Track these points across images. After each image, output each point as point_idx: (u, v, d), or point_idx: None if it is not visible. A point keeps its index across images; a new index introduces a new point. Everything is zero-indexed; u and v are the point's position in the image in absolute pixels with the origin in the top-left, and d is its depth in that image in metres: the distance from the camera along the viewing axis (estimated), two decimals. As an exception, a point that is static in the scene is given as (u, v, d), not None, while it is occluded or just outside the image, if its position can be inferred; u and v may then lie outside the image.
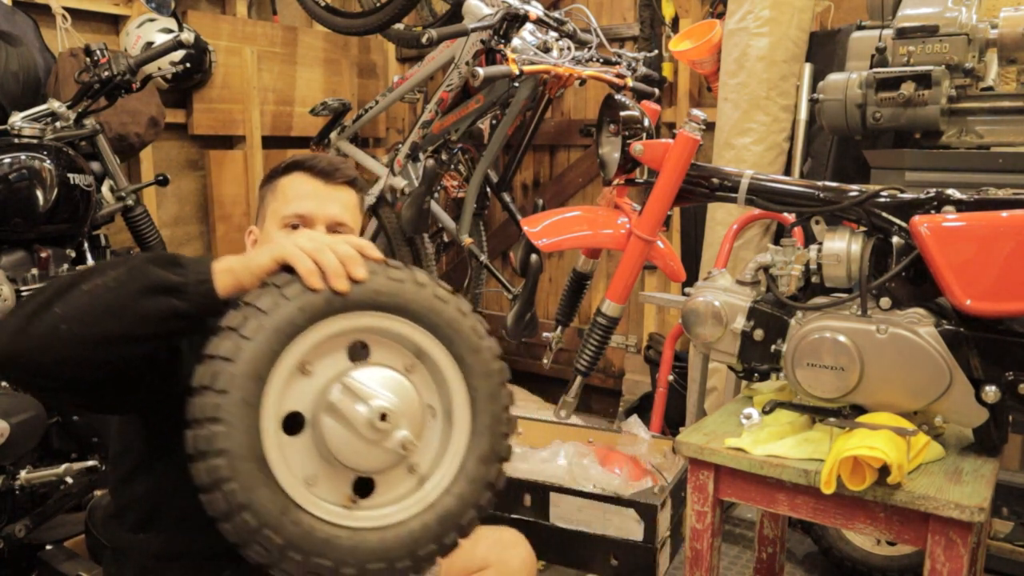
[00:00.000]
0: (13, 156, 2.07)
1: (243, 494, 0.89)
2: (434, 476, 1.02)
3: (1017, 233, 1.23)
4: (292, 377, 0.94)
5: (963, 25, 1.86)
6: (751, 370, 1.49)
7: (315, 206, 1.29)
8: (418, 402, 0.99)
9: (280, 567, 0.90)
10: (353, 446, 0.94)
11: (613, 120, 1.64)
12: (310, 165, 1.32)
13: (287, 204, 1.29)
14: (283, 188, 1.31)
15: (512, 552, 1.43)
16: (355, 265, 0.95)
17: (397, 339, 0.99)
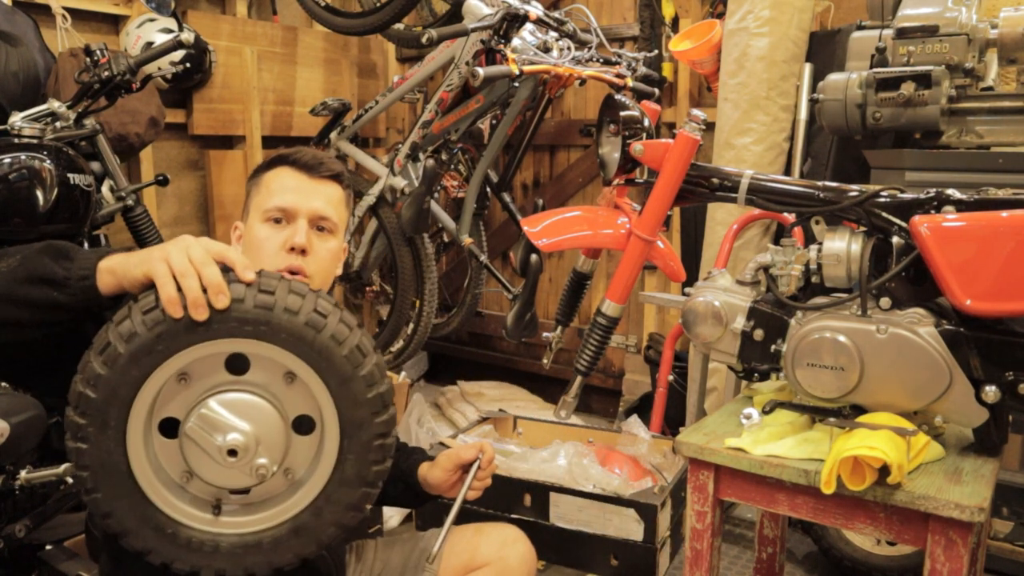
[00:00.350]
0: (13, 156, 2.07)
1: (106, 503, 0.98)
2: (307, 484, 1.04)
3: (1017, 233, 1.23)
4: (170, 385, 0.98)
5: (963, 25, 1.86)
6: (751, 370, 1.49)
7: (298, 199, 1.28)
8: (281, 428, 1.00)
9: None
10: (212, 468, 0.99)
11: (613, 120, 1.64)
12: (294, 159, 1.31)
13: (270, 197, 1.28)
14: (267, 182, 1.31)
15: (512, 549, 1.43)
16: (218, 294, 0.94)
17: (269, 360, 1.00)
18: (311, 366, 0.99)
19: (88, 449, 0.96)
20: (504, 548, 1.43)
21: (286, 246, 1.26)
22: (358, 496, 1.04)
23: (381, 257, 3.25)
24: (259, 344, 0.97)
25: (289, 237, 1.26)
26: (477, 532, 1.48)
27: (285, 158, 1.32)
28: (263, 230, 1.28)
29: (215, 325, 0.95)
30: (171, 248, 0.96)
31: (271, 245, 1.26)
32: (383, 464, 1.04)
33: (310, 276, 1.27)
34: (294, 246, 1.26)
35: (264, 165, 1.34)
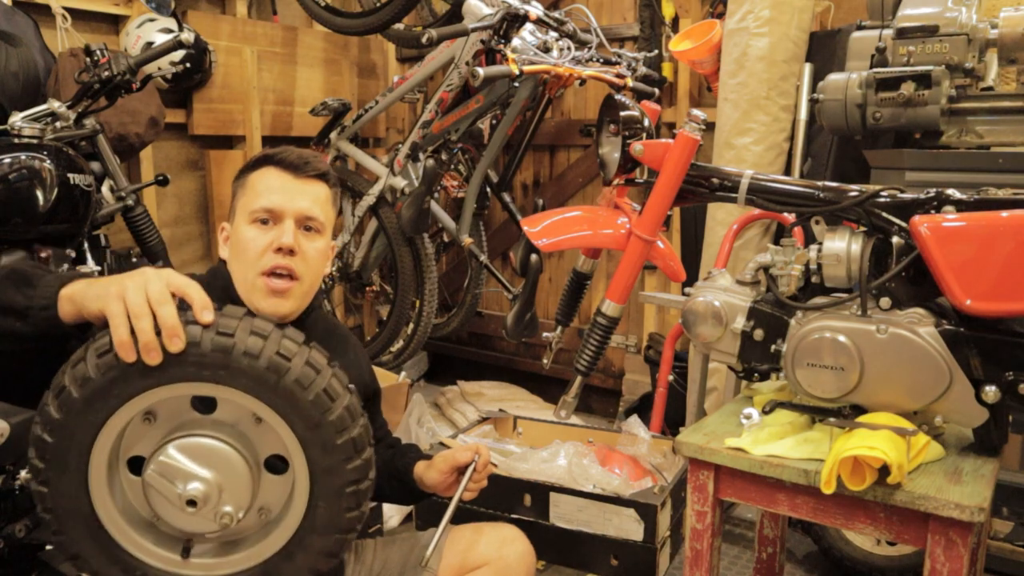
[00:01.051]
0: (13, 156, 2.07)
1: (72, 545, 0.97)
2: (281, 525, 1.01)
3: (1017, 233, 1.23)
4: (136, 423, 0.95)
5: (963, 25, 1.86)
6: (751, 370, 1.49)
7: (284, 200, 1.27)
8: (246, 475, 0.96)
9: None
10: (174, 515, 0.96)
11: (613, 120, 1.64)
12: (280, 159, 1.29)
13: (256, 198, 1.27)
14: (252, 183, 1.29)
15: (511, 548, 1.43)
16: (172, 337, 0.89)
17: (233, 403, 0.96)
18: (276, 411, 0.94)
19: (49, 492, 0.94)
20: (503, 547, 1.43)
21: (273, 247, 1.25)
22: (331, 543, 1.00)
23: (381, 257, 3.25)
24: (219, 388, 0.93)
25: (276, 238, 1.25)
26: (476, 532, 1.48)
27: (270, 158, 1.30)
28: (249, 231, 1.27)
29: (171, 369, 0.90)
30: (129, 283, 0.91)
31: (257, 246, 1.25)
32: (358, 510, 1.00)
33: (299, 276, 1.26)
34: (281, 246, 1.25)
35: (249, 165, 1.32)
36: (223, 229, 1.35)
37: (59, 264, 2.15)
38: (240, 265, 1.27)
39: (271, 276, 1.25)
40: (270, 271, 1.25)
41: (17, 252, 2.09)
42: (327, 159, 3.28)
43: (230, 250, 1.31)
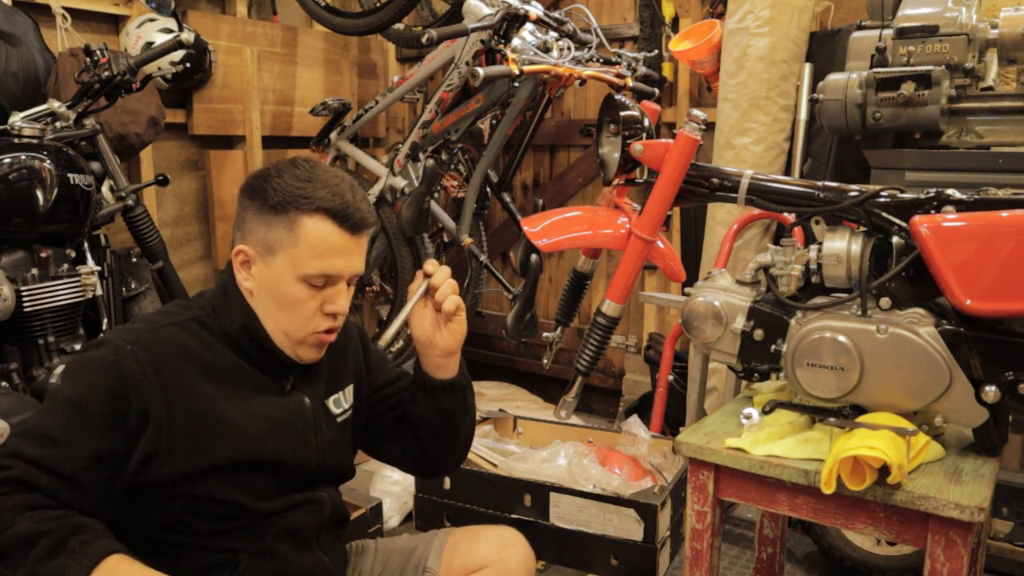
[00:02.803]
0: (13, 156, 2.07)
1: None
2: None
3: (1017, 233, 1.23)
4: None
5: (963, 25, 1.86)
6: (751, 370, 1.49)
7: (344, 265, 1.21)
8: None
9: None
10: None
11: (613, 120, 1.64)
12: (342, 215, 1.19)
13: (314, 259, 1.18)
14: (308, 236, 1.18)
15: (511, 551, 1.43)
16: None
17: None
18: None
19: None
20: (503, 550, 1.43)
21: (326, 310, 1.21)
22: None
23: (381, 257, 3.25)
24: None
25: (329, 301, 1.21)
26: (475, 534, 1.47)
27: (330, 211, 1.18)
28: (301, 291, 1.20)
29: None
30: None
31: (309, 309, 1.20)
32: None
33: (339, 330, 1.26)
34: (336, 313, 1.22)
35: (297, 204, 1.18)
36: (241, 254, 1.23)
37: (59, 264, 2.15)
38: (286, 320, 1.22)
39: (323, 333, 1.23)
40: (322, 333, 1.22)
41: (17, 252, 2.09)
42: (327, 159, 3.28)
43: (266, 293, 1.22)
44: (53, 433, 1.10)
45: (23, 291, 2.03)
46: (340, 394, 1.39)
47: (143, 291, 2.47)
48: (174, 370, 1.16)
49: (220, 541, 1.19)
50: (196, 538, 1.18)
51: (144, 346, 1.16)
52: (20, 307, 2.02)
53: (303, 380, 1.32)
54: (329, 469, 1.34)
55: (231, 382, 1.22)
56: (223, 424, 1.19)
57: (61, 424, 1.11)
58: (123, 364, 1.13)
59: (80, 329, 2.21)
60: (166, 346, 1.18)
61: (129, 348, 1.15)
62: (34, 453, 1.09)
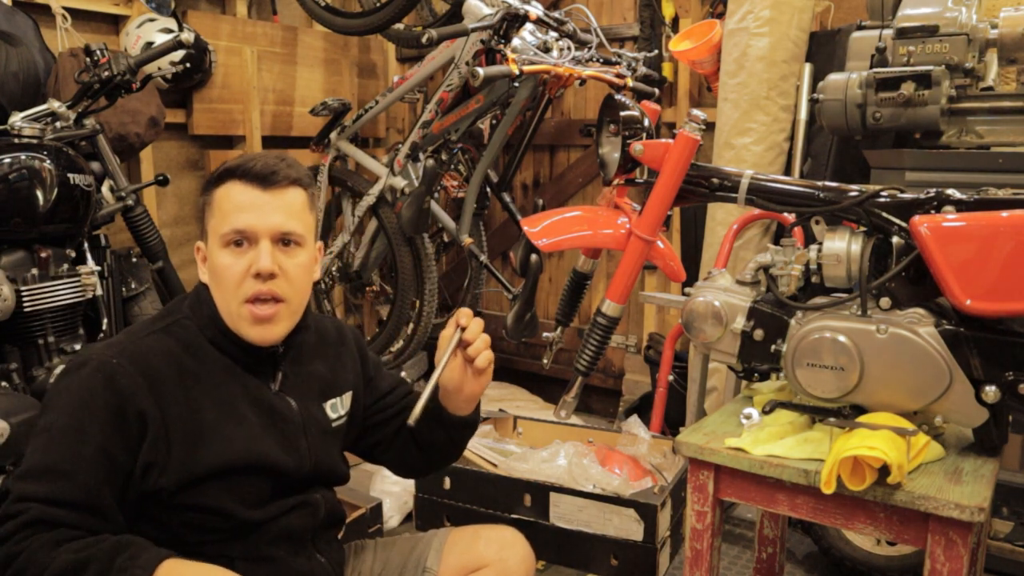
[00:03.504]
0: (13, 156, 2.07)
1: None
2: None
3: (1017, 233, 1.23)
4: None
5: (963, 25, 1.86)
6: (751, 370, 1.49)
7: (255, 218, 1.17)
8: None
9: None
10: None
11: (613, 120, 1.64)
12: (244, 171, 1.19)
13: (224, 220, 1.18)
14: (219, 201, 1.20)
15: (511, 551, 1.43)
16: None
17: None
18: None
19: None
20: (504, 550, 1.43)
21: (251, 272, 1.18)
22: None
23: (381, 257, 3.25)
24: None
25: (252, 262, 1.18)
26: (475, 534, 1.47)
27: (233, 171, 1.20)
28: (224, 257, 1.19)
29: None
30: None
31: (235, 273, 1.18)
32: None
33: (285, 298, 1.20)
34: (260, 271, 1.17)
35: (213, 180, 1.22)
36: (199, 249, 1.25)
37: (59, 264, 2.15)
38: (221, 293, 1.21)
39: (254, 303, 1.19)
40: (252, 299, 1.18)
41: (17, 252, 2.09)
42: (327, 159, 3.28)
43: (208, 276, 1.23)
44: (58, 466, 1.08)
45: (23, 291, 2.03)
46: (338, 400, 1.38)
47: (143, 291, 2.46)
48: (163, 378, 1.15)
49: (215, 548, 1.19)
50: (191, 547, 1.17)
51: (129, 357, 1.14)
52: (20, 307, 2.02)
53: (292, 383, 1.31)
54: (323, 473, 1.33)
55: (218, 386, 1.21)
56: (214, 429, 1.18)
57: (63, 454, 1.08)
58: (112, 378, 1.12)
59: (80, 329, 2.21)
60: (152, 354, 1.16)
61: (115, 362, 1.13)
62: (45, 491, 1.06)
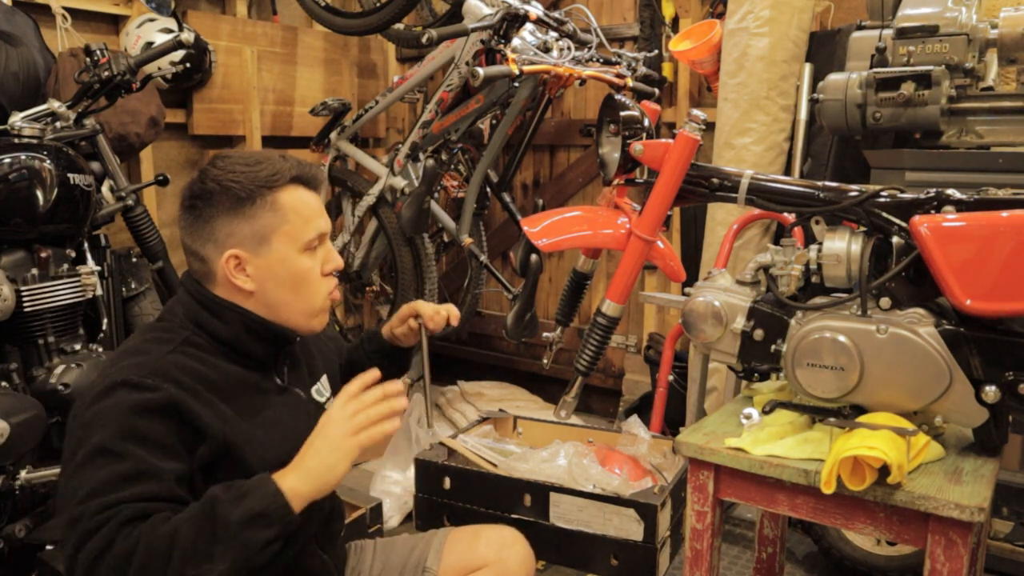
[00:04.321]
0: (13, 156, 2.07)
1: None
2: None
3: (1017, 233, 1.23)
4: None
5: (963, 25, 1.86)
6: (751, 370, 1.48)
7: (326, 222, 1.27)
8: None
9: None
10: None
11: (613, 120, 1.64)
12: (309, 178, 1.25)
13: (307, 225, 1.23)
14: (294, 205, 1.22)
15: (510, 551, 1.43)
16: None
17: None
18: None
19: None
20: (503, 550, 1.43)
21: (326, 271, 1.27)
22: None
23: (381, 257, 3.25)
24: None
25: (327, 260, 1.27)
26: (475, 534, 1.48)
27: (298, 178, 1.23)
28: (307, 261, 1.24)
29: None
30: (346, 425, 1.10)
31: (316, 275, 1.25)
32: None
33: None
34: (338, 267, 1.28)
35: (270, 185, 1.20)
36: (236, 259, 1.20)
37: (59, 264, 2.15)
38: (298, 296, 1.24)
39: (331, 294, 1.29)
40: (332, 294, 1.28)
41: (17, 252, 2.09)
42: (327, 159, 3.28)
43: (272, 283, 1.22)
44: (132, 473, 1.04)
45: (23, 291, 2.03)
46: (319, 384, 1.41)
47: (143, 291, 2.46)
48: (195, 393, 1.13)
49: None
50: None
51: (159, 374, 1.12)
52: (20, 307, 2.02)
53: (292, 374, 1.34)
54: None
55: (237, 395, 1.20)
56: (248, 441, 1.17)
57: (130, 465, 1.04)
58: (156, 390, 1.09)
59: (80, 329, 2.21)
60: (176, 371, 1.14)
61: (150, 381, 1.10)
62: (131, 493, 1.02)
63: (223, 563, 0.99)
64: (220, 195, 1.19)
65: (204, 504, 1.03)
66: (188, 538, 0.99)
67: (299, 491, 1.06)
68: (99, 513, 1.01)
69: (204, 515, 1.01)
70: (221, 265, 1.21)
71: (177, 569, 0.98)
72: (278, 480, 1.06)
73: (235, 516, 1.01)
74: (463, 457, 2.52)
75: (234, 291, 1.23)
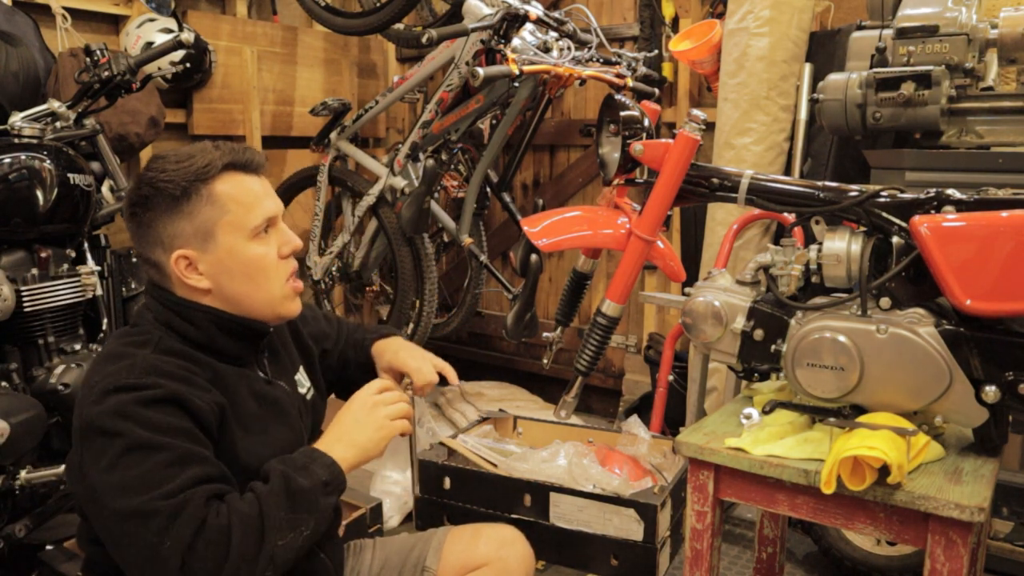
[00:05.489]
0: (13, 156, 2.07)
1: None
2: None
3: (1017, 233, 1.23)
4: None
5: (963, 25, 1.86)
6: (751, 370, 1.48)
7: (273, 204, 1.23)
8: None
9: None
10: None
11: (613, 120, 1.64)
12: (244, 162, 1.21)
13: (251, 211, 1.19)
14: (231, 195, 1.18)
15: (510, 550, 1.43)
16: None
17: None
18: None
19: None
20: (503, 548, 1.43)
21: (283, 254, 1.23)
22: None
23: (381, 257, 3.25)
24: None
25: (285, 243, 1.23)
26: (475, 533, 1.48)
27: (232, 164, 1.19)
28: (258, 247, 1.20)
29: None
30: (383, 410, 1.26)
31: (273, 259, 1.22)
32: None
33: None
34: (295, 249, 1.24)
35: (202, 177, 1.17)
36: (185, 259, 1.18)
37: (59, 264, 2.15)
38: (259, 284, 1.21)
39: (291, 279, 1.25)
40: (292, 277, 1.25)
41: (17, 252, 2.09)
42: (327, 159, 3.28)
43: (227, 277, 1.20)
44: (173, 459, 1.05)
45: (23, 291, 2.03)
46: (298, 375, 1.40)
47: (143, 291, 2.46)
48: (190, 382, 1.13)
49: None
50: None
51: (153, 371, 1.11)
52: (20, 307, 2.02)
53: (274, 366, 1.34)
54: None
55: (228, 388, 1.19)
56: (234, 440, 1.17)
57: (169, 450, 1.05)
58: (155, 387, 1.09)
59: (80, 329, 2.21)
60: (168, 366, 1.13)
61: (146, 380, 1.09)
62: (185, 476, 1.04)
63: (307, 528, 1.09)
64: (156, 198, 1.17)
65: (276, 479, 1.10)
66: (274, 509, 1.06)
67: (350, 460, 1.17)
68: (168, 499, 1.01)
69: (281, 488, 1.09)
70: (172, 268, 1.19)
71: (272, 540, 1.05)
72: (328, 450, 1.16)
73: (308, 485, 1.10)
74: (463, 457, 2.52)
75: (193, 291, 1.21)
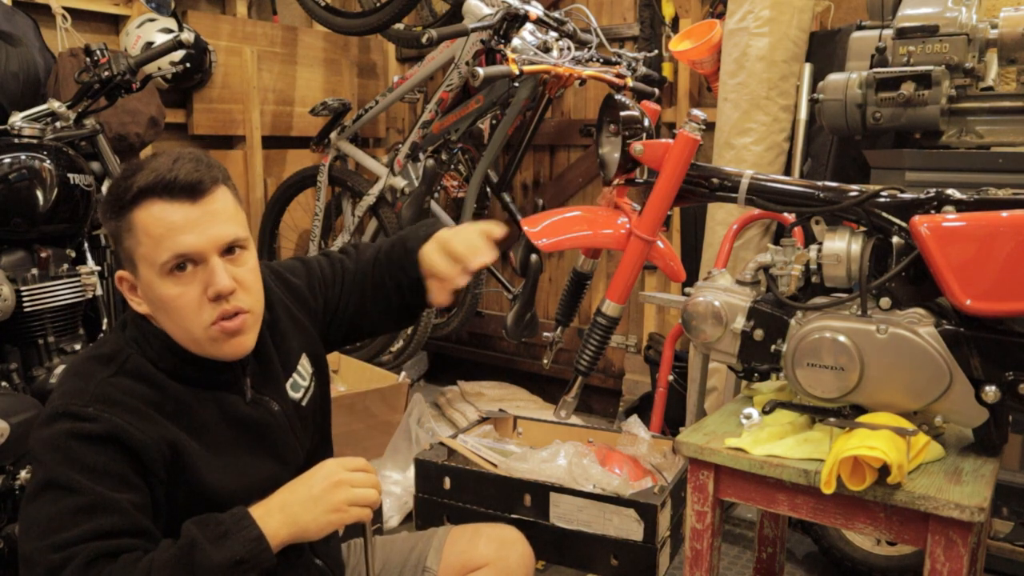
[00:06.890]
0: (13, 156, 2.07)
1: None
2: None
3: (1017, 233, 1.23)
4: None
5: (963, 25, 1.86)
6: (751, 370, 1.48)
7: (196, 238, 1.05)
8: None
9: None
10: None
11: (613, 120, 1.64)
12: (165, 186, 1.04)
13: (159, 246, 1.05)
14: (144, 226, 1.05)
15: (511, 550, 1.43)
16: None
17: None
18: None
19: None
20: (503, 548, 1.43)
21: (208, 295, 1.07)
22: None
23: (381, 257, 3.24)
24: None
25: (207, 284, 1.06)
26: (475, 533, 1.47)
27: (152, 188, 1.05)
28: (170, 287, 1.06)
29: None
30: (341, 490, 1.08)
31: (189, 301, 1.07)
32: None
33: (248, 308, 1.11)
34: (220, 293, 1.07)
35: (125, 201, 1.05)
36: (122, 280, 1.11)
37: (59, 264, 2.15)
38: (176, 324, 1.09)
39: (220, 322, 1.09)
40: (217, 324, 1.08)
41: (17, 252, 2.09)
42: (327, 159, 3.28)
43: (153, 308, 1.10)
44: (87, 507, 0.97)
45: (23, 291, 2.03)
46: (295, 375, 1.29)
47: (143, 291, 2.46)
48: (141, 417, 1.06)
49: None
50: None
51: (103, 399, 1.04)
52: (20, 307, 2.02)
53: (262, 383, 1.23)
54: (316, 460, 1.30)
55: (192, 417, 1.12)
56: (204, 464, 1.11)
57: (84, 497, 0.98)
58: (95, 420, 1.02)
59: (80, 329, 2.21)
60: (124, 393, 1.06)
61: (90, 410, 1.02)
62: (87, 529, 0.96)
63: None
64: (102, 210, 1.12)
65: (182, 547, 0.98)
66: None
67: (281, 537, 1.03)
68: (56, 552, 0.94)
69: (182, 559, 0.96)
70: (117, 284, 1.13)
71: None
72: (260, 520, 1.02)
73: (216, 560, 0.97)
74: (463, 457, 2.52)
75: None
